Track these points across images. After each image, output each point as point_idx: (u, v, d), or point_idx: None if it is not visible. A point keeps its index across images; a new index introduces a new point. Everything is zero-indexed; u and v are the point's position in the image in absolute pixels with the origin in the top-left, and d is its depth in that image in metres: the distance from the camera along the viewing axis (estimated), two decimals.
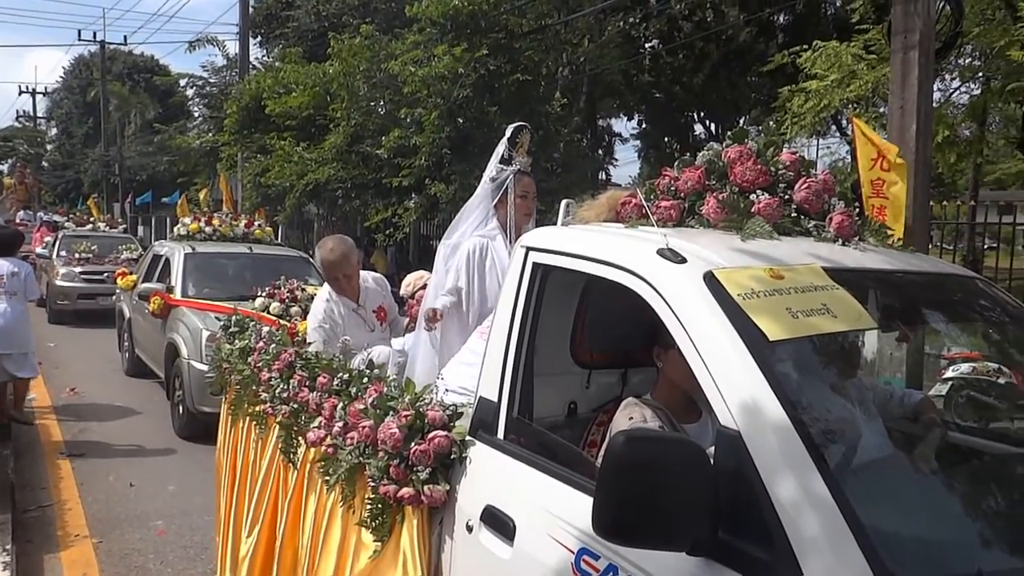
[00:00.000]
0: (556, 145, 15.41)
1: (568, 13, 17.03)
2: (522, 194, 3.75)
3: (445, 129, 14.17)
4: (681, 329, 1.89)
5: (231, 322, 4.56)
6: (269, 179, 17.39)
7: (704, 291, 1.90)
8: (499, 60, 14.21)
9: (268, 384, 3.51)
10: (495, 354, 2.44)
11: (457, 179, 14.04)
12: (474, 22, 14.41)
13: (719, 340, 1.79)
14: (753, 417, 1.63)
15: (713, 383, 1.74)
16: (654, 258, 2.04)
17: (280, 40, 24.74)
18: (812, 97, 13.42)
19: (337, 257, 4.29)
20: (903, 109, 7.69)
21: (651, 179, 2.55)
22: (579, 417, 2.86)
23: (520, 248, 2.49)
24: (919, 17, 7.65)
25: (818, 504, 1.49)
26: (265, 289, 7.64)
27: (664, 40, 20.65)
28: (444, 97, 14.14)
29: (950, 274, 2.58)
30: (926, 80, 7.81)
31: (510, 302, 2.44)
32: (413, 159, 14.35)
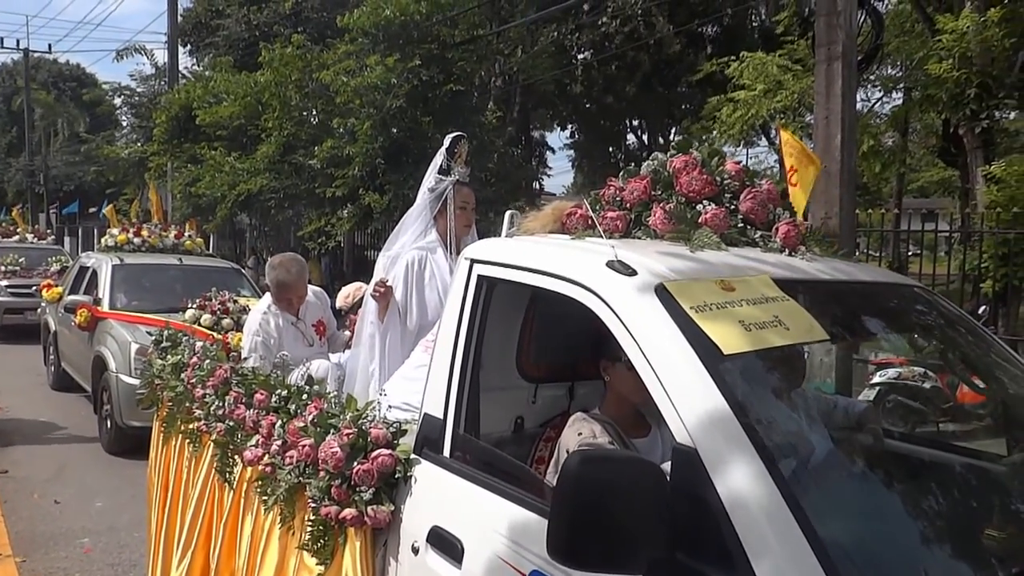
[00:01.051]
0: (490, 155, 15.44)
1: (500, 24, 17.11)
2: (462, 205, 3.69)
3: (379, 139, 14.09)
4: (633, 343, 1.84)
5: (163, 336, 4.39)
6: (200, 189, 17.06)
7: (656, 304, 1.85)
8: (432, 70, 14.21)
9: (202, 401, 3.39)
10: (440, 369, 2.35)
11: (391, 189, 13.97)
12: (406, 32, 14.37)
13: (672, 354, 1.75)
14: (710, 433, 1.59)
15: (667, 398, 1.70)
16: (603, 270, 1.98)
17: (210, 49, 24.32)
18: (740, 107, 13.76)
19: (292, 279, 4.16)
20: (828, 119, 7.92)
21: (595, 189, 2.51)
22: (526, 432, 2.79)
23: (464, 260, 2.41)
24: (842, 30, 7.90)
25: (777, 521, 1.47)
26: (196, 301, 7.48)
27: (596, 51, 20.88)
28: (377, 107, 14.07)
29: (892, 283, 2.60)
30: (849, 91, 8.06)
31: (454, 316, 2.36)
32: (346, 169, 14.23)
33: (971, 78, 11.46)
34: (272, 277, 4.17)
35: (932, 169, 26.83)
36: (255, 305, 4.38)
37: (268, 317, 4.14)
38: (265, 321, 4.13)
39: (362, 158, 14.07)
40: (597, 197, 2.43)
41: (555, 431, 2.56)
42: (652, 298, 1.87)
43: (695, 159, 2.33)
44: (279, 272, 4.14)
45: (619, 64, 21.17)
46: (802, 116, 13.76)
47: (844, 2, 7.71)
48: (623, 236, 2.33)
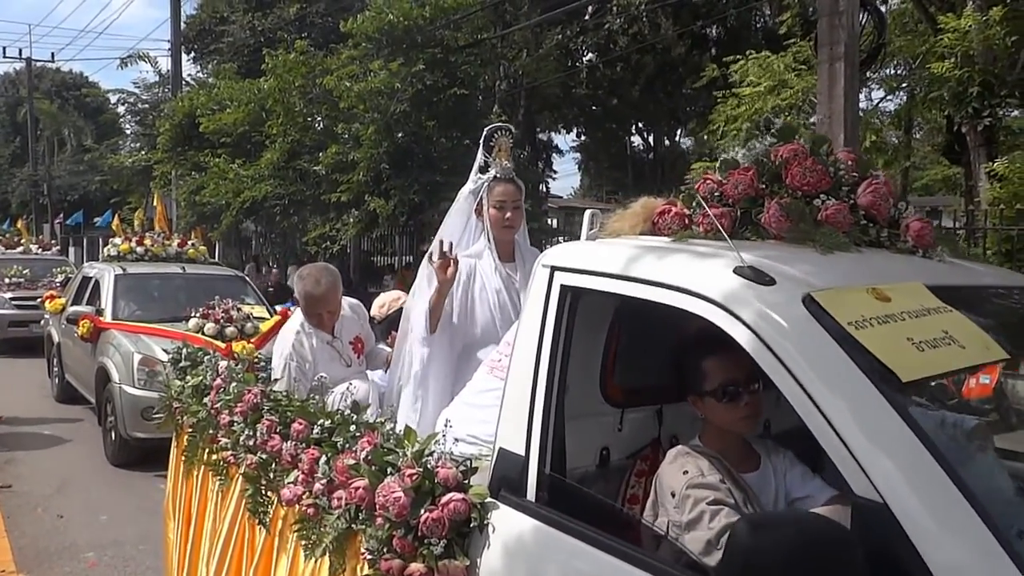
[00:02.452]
0: None
1: (504, 27, 17.08)
2: (497, 204, 3.22)
3: (383, 144, 14.04)
4: (780, 368, 1.52)
5: (181, 355, 3.95)
6: (204, 197, 17.03)
7: (808, 320, 1.55)
8: (436, 74, 14.17)
9: (229, 429, 3.04)
10: (517, 397, 2.02)
11: (396, 194, 13.93)
12: (410, 37, 14.34)
13: (840, 383, 1.45)
14: (904, 483, 1.30)
15: (838, 439, 1.39)
16: (731, 279, 1.66)
17: (214, 56, 24.33)
18: (745, 102, 13.74)
19: (323, 291, 3.62)
20: (830, 119, 7.87)
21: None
22: (613, 465, 2.37)
23: (542, 268, 2.09)
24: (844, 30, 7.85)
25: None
26: (199, 310, 7.47)
27: (601, 53, 20.84)
28: (381, 112, 14.03)
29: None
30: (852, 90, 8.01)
31: (533, 333, 2.03)
32: (351, 174, 14.18)
33: (973, 76, 11.41)
34: (300, 289, 3.68)
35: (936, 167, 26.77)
36: (286, 324, 3.85)
37: (302, 338, 3.65)
38: (299, 343, 3.64)
39: (367, 163, 14.02)
40: (692, 193, 2.12)
41: (647, 463, 2.29)
42: (801, 312, 1.57)
43: (804, 147, 2.03)
44: (307, 284, 3.63)
45: (624, 66, 21.11)
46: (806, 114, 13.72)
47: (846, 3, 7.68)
48: (732, 236, 1.98)
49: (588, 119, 24.44)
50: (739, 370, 1.91)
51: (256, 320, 7.58)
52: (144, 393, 6.87)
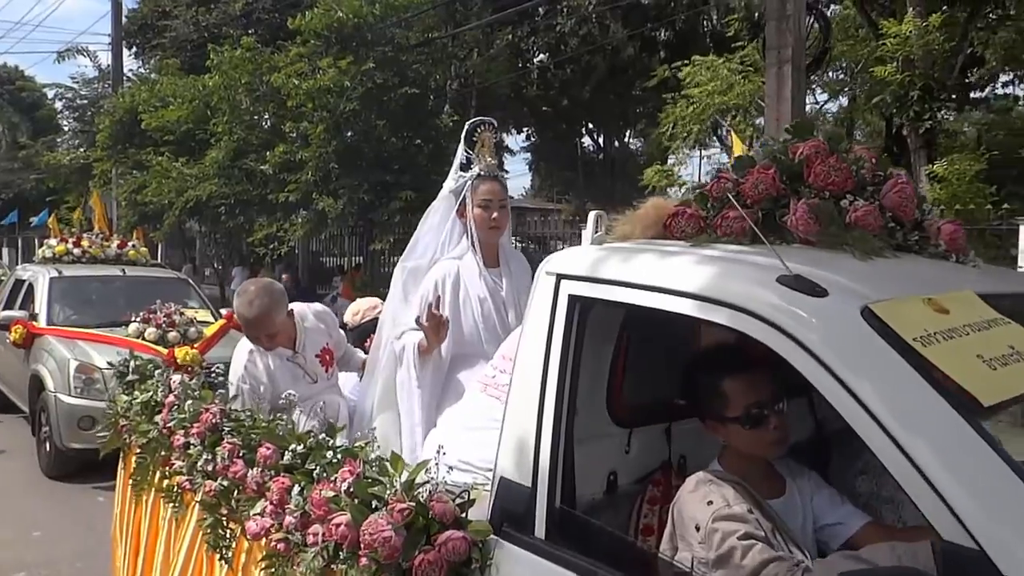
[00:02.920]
0: (447, 159, 15.27)
1: (455, 27, 16.98)
2: (482, 203, 2.99)
3: (332, 143, 13.83)
4: (844, 394, 1.35)
5: (128, 367, 3.63)
6: (146, 196, 16.59)
7: (871, 337, 1.38)
8: (386, 73, 14.00)
9: (184, 451, 2.79)
10: (521, 420, 1.84)
11: (345, 194, 13.73)
12: (360, 35, 14.16)
13: (920, 412, 1.30)
14: (1006, 528, 1.15)
15: (921, 477, 1.23)
16: (777, 290, 1.49)
17: (156, 51, 23.72)
18: (694, 103, 13.91)
19: (255, 315, 3.16)
20: (779, 121, 7.98)
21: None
22: (621, 492, 2.15)
23: (547, 276, 1.91)
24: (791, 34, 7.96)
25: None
26: (140, 314, 7.23)
27: (551, 54, 20.88)
28: (330, 111, 13.82)
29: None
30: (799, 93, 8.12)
31: (538, 348, 1.85)
32: (299, 174, 13.94)
33: (914, 80, 11.71)
34: (235, 307, 3.28)
35: None
36: (239, 345, 3.42)
37: (255, 357, 3.27)
38: (251, 362, 3.26)
39: (315, 162, 13.78)
40: (704, 193, 1.96)
41: (659, 489, 2.11)
42: (863, 328, 1.39)
43: (824, 144, 1.88)
44: (239, 304, 3.20)
45: (574, 67, 21.20)
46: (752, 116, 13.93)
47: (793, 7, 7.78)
48: (752, 240, 1.83)
49: (539, 120, 24.50)
50: (763, 390, 1.79)
51: (200, 324, 7.36)
52: (81, 402, 6.65)
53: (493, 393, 2.37)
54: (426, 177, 14.34)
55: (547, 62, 21.02)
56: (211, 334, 7.18)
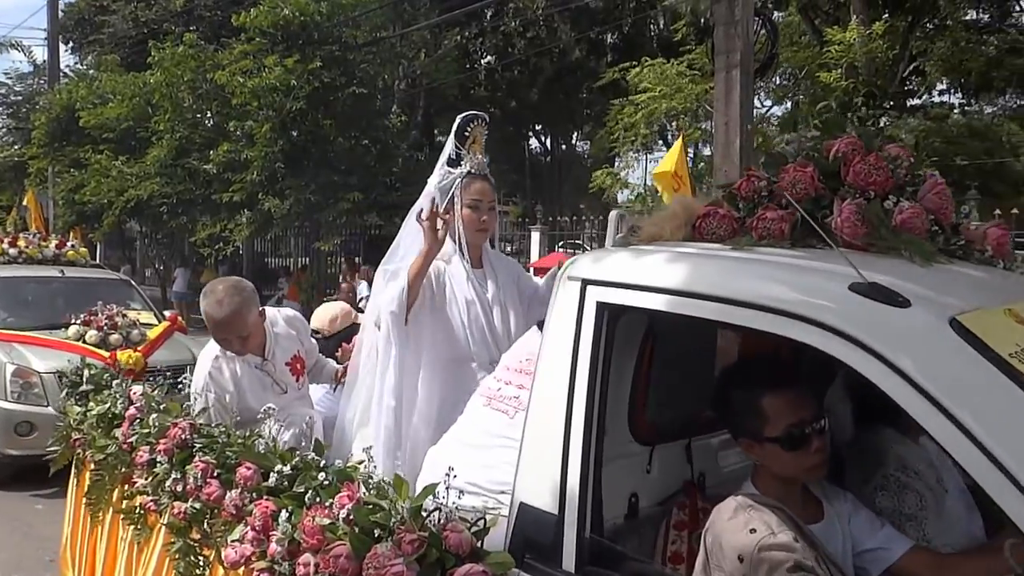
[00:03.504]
0: (395, 159, 15.20)
1: (403, 26, 16.89)
2: (472, 203, 2.84)
3: (278, 142, 13.66)
4: (941, 417, 1.24)
5: (81, 376, 3.37)
6: (85, 195, 16.19)
7: (966, 352, 1.26)
8: (333, 72, 13.86)
9: (149, 469, 2.55)
10: (545, 439, 1.68)
11: (292, 194, 13.56)
12: (306, 33, 14.00)
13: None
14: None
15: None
16: (852, 299, 1.35)
17: (95, 47, 23.17)
18: (642, 107, 14.06)
19: (225, 316, 2.90)
20: (727, 125, 8.06)
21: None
22: (643, 515, 1.95)
23: (569, 281, 1.76)
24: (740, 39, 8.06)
25: None
26: (80, 316, 7.01)
27: (499, 55, 20.92)
28: (276, 109, 13.64)
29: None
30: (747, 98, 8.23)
31: (563, 361, 1.69)
32: (244, 173, 13.74)
33: (858, 87, 12.02)
34: (203, 309, 2.98)
35: None
36: (205, 347, 3.15)
37: (221, 363, 3.00)
38: (216, 369, 3.00)
39: (260, 162, 13.58)
40: (733, 192, 1.83)
41: (684, 512, 1.95)
42: (955, 342, 1.28)
43: (860, 141, 1.76)
44: (208, 304, 2.92)
45: (522, 69, 21.27)
46: (699, 120, 14.15)
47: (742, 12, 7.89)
48: (794, 244, 1.71)
49: None
50: (805, 408, 1.68)
51: (143, 327, 7.17)
52: (18, 407, 6.41)
53: (499, 407, 2.22)
54: (373, 178, 14.23)
55: (495, 64, 21.04)
56: (154, 336, 7.02)
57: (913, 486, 1.90)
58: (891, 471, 1.93)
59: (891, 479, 1.92)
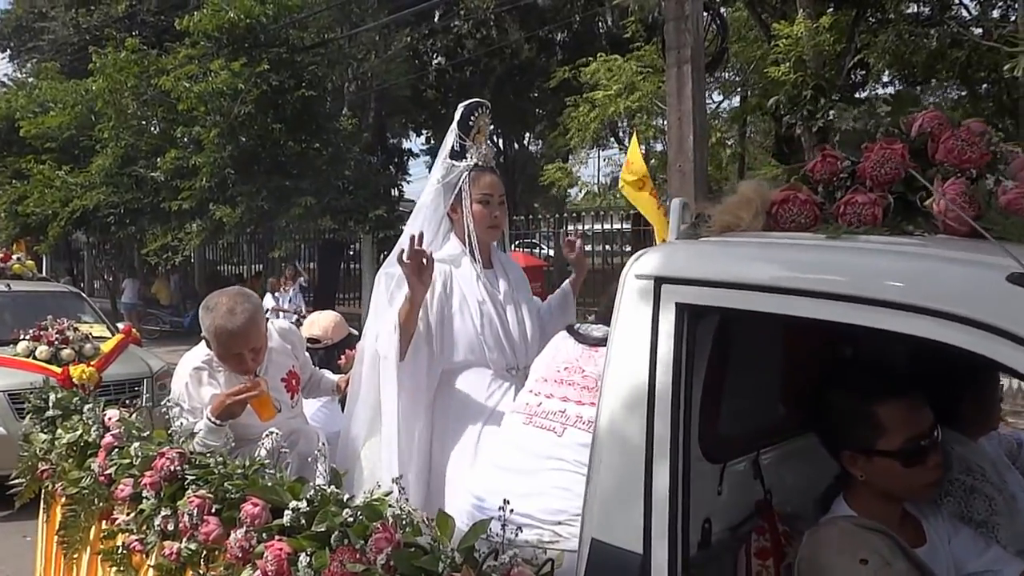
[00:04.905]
0: (347, 163, 15.05)
1: (351, 27, 16.74)
2: (482, 198, 2.65)
3: (227, 148, 13.44)
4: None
5: (45, 400, 3.06)
6: (28, 207, 15.79)
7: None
8: (282, 75, 13.68)
9: (133, 505, 2.29)
10: (622, 465, 1.47)
11: (243, 200, 13.35)
12: (252, 35, 13.80)
13: None
14: None
15: None
16: (1018, 292, 1.18)
17: (34, 54, 22.58)
18: (598, 106, 14.11)
19: (242, 325, 2.59)
20: (680, 120, 8.10)
21: (798, 166, 1.68)
22: (718, 543, 1.68)
23: (638, 280, 1.55)
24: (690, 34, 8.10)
25: None
26: (30, 331, 6.79)
27: (449, 56, 20.84)
28: (224, 114, 13.41)
29: None
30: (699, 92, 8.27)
31: (638, 372, 1.49)
32: (193, 180, 13.50)
33: (807, 80, 12.17)
34: (208, 325, 2.63)
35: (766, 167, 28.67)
36: (185, 356, 2.83)
37: (202, 375, 2.69)
38: (194, 382, 2.68)
39: (210, 168, 13.35)
40: (807, 175, 1.65)
41: (765, 536, 1.72)
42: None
43: (945, 116, 1.59)
44: (217, 316, 2.59)
45: (472, 70, 21.21)
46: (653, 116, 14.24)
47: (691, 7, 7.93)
48: (889, 231, 1.51)
49: (438, 122, 24.37)
50: (923, 418, 1.54)
51: (96, 340, 6.96)
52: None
53: (543, 424, 2.01)
54: (326, 182, 14.07)
55: (445, 64, 20.95)
56: (108, 350, 6.81)
57: (981, 489, 1.80)
58: (956, 475, 1.82)
59: (956, 484, 1.81)
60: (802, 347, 1.71)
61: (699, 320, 1.50)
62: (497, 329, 2.62)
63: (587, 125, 14.36)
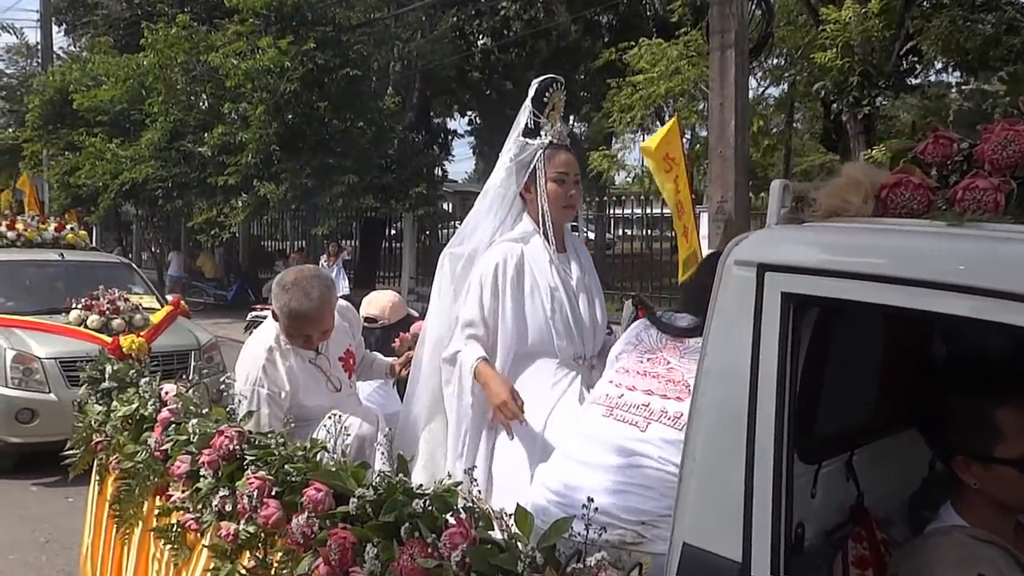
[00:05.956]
0: (390, 142, 15.17)
1: (398, 7, 16.80)
2: (557, 177, 2.55)
3: (272, 125, 13.60)
4: None
5: (103, 372, 3.02)
6: (79, 178, 16.13)
7: None
8: (327, 54, 13.79)
9: (190, 483, 2.25)
10: (719, 466, 1.39)
11: (288, 178, 13.52)
12: (300, 14, 13.92)
13: None
14: None
15: None
16: None
17: (88, 29, 22.98)
18: (640, 88, 14.02)
19: (317, 307, 2.63)
20: (723, 105, 8.05)
21: (906, 147, 1.53)
22: (811, 550, 1.58)
23: (739, 268, 1.44)
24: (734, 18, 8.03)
25: None
26: (81, 300, 6.96)
27: (495, 37, 20.80)
28: (271, 91, 13.57)
29: None
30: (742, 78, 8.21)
31: (740, 366, 1.39)
32: (239, 156, 13.69)
33: (854, 67, 11.98)
34: (282, 304, 2.65)
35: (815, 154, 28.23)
36: (253, 336, 2.86)
37: (275, 356, 2.69)
38: (270, 363, 2.68)
39: (255, 145, 13.52)
40: (918, 157, 1.53)
41: (863, 544, 1.60)
42: None
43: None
44: (293, 297, 2.62)
45: (518, 51, 21.15)
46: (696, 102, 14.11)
47: None
48: (1013, 219, 1.38)
49: (482, 103, 24.37)
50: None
51: (146, 311, 7.11)
52: (19, 393, 6.33)
53: (624, 417, 1.91)
54: (368, 160, 14.20)
55: (491, 45, 20.92)
56: (158, 321, 6.92)
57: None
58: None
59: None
60: (908, 341, 1.62)
61: (805, 312, 1.41)
62: (568, 317, 2.53)
63: (629, 108, 14.28)
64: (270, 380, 2.66)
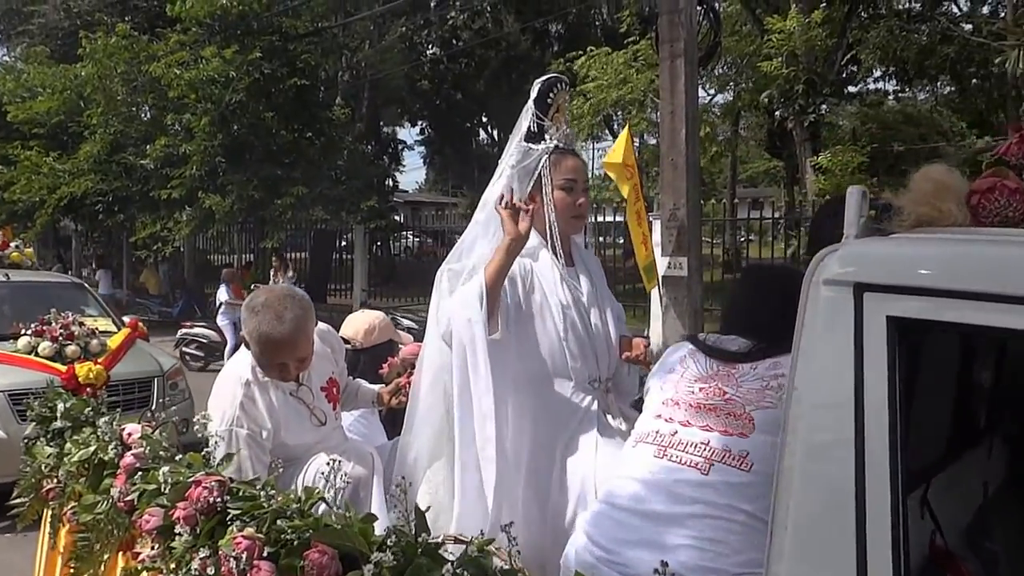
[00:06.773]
0: (340, 152, 14.97)
1: (346, 16, 16.66)
2: (565, 184, 2.34)
3: (218, 136, 13.34)
4: None
5: (51, 408, 2.69)
6: (15, 193, 15.63)
7: None
8: (274, 63, 13.59)
9: (161, 539, 1.92)
10: (822, 516, 1.21)
11: (233, 190, 13.25)
12: (245, 23, 13.71)
13: None
14: None
15: None
16: None
17: (23, 38, 22.37)
18: (590, 97, 14.11)
19: (289, 332, 2.28)
20: (673, 114, 8.06)
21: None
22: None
23: (830, 288, 1.24)
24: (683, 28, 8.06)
25: None
26: (31, 325, 6.48)
27: (444, 47, 20.77)
28: (215, 102, 13.31)
29: None
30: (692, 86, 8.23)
31: (843, 402, 1.20)
32: (183, 169, 13.39)
33: (799, 75, 12.22)
34: (251, 329, 2.32)
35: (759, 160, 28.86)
36: (227, 368, 2.50)
37: (253, 391, 2.35)
38: (248, 399, 2.33)
39: (200, 157, 13.23)
40: (1002, 159, 1.39)
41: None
42: None
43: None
44: (262, 321, 2.29)
45: (468, 61, 21.16)
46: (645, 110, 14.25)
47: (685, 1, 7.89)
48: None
49: (433, 113, 24.33)
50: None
51: (103, 335, 6.63)
52: None
53: (680, 459, 1.67)
54: (318, 171, 14.00)
55: (440, 55, 20.87)
56: (116, 346, 6.27)
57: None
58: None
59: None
60: (1006, 365, 1.48)
61: (919, 339, 1.22)
62: (582, 336, 2.31)
63: (580, 117, 14.37)
64: (249, 419, 2.33)
